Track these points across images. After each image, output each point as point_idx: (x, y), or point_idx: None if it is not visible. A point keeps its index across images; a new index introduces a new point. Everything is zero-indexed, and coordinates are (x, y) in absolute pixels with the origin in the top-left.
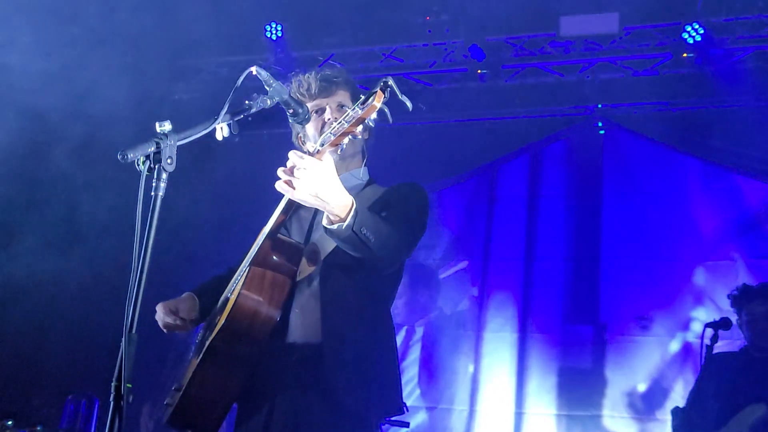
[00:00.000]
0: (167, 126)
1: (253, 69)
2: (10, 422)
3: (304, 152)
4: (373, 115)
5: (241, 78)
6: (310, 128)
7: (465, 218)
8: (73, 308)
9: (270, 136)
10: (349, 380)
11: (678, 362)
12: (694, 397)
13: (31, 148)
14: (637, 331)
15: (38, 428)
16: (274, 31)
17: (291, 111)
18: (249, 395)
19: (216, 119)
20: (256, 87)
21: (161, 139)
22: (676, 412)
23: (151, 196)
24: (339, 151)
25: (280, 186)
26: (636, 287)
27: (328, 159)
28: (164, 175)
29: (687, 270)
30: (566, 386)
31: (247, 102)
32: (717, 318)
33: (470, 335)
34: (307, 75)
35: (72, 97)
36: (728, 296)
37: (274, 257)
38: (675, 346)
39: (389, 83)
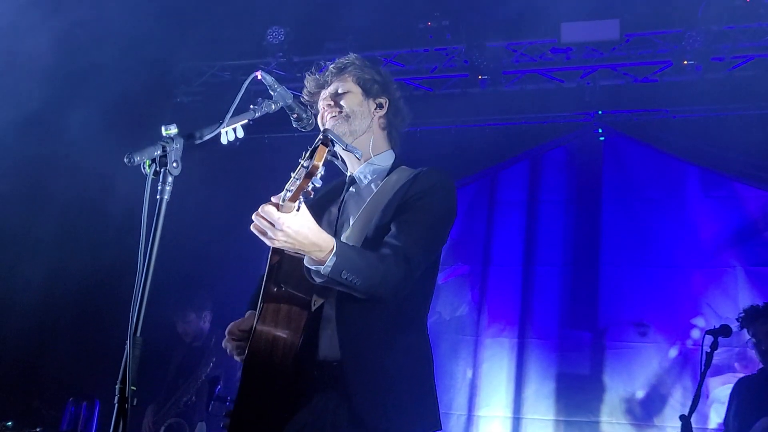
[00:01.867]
0: (173, 129)
1: (258, 74)
2: (10, 423)
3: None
4: (321, 171)
5: (246, 82)
6: (318, 120)
7: (465, 223)
8: (75, 310)
9: (271, 140)
10: (376, 399)
11: (676, 369)
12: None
13: (34, 150)
14: (636, 337)
15: (38, 430)
16: (276, 36)
17: (295, 116)
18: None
19: (222, 123)
20: (259, 91)
21: (167, 142)
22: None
23: (157, 200)
24: (298, 205)
25: (254, 230)
26: (635, 293)
27: (294, 209)
28: (170, 179)
29: (686, 277)
30: (564, 392)
31: (252, 106)
32: (715, 325)
33: (469, 340)
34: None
35: (72, 97)
36: (736, 320)
37: (286, 286)
38: (673, 352)
39: (329, 137)
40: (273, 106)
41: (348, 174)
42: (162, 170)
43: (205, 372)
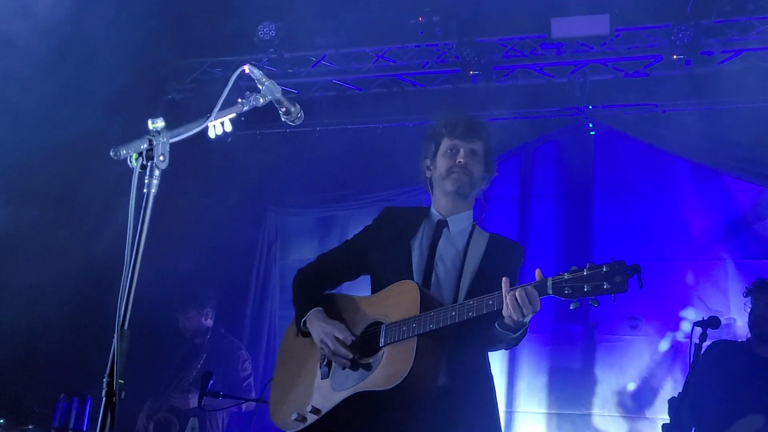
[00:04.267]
0: (160, 123)
1: (246, 67)
2: (2, 421)
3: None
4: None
5: (234, 76)
6: (442, 163)
7: None
8: (65, 306)
9: (262, 136)
10: (483, 414)
11: (667, 361)
12: (691, 384)
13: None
14: (627, 330)
15: (31, 427)
16: (267, 32)
17: (284, 110)
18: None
19: (209, 117)
20: (249, 87)
21: (154, 136)
22: (673, 401)
23: (144, 194)
24: (572, 307)
25: (511, 302)
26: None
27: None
28: (157, 173)
29: (676, 270)
30: (557, 385)
31: (240, 100)
32: (705, 317)
33: None
34: (456, 114)
35: (62, 94)
36: (745, 287)
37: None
38: (664, 345)
39: (626, 270)
40: (261, 100)
41: (437, 216)
42: (149, 164)
43: (196, 368)
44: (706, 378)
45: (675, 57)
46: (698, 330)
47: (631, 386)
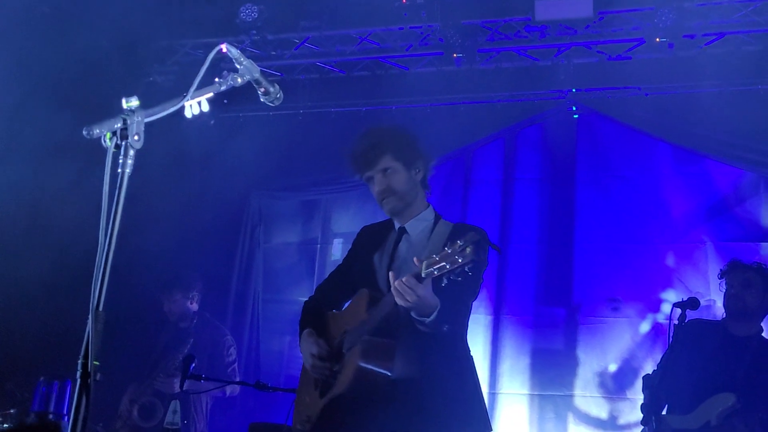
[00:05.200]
0: (134, 102)
1: (224, 47)
2: None
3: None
4: (472, 264)
5: (212, 55)
6: (372, 190)
7: (440, 201)
8: (44, 290)
9: (245, 119)
10: (443, 408)
11: (648, 342)
12: (667, 362)
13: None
14: (609, 312)
15: (12, 411)
16: (249, 13)
17: (262, 90)
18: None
19: (185, 96)
20: (232, 68)
21: (128, 115)
22: (648, 378)
23: (118, 173)
24: (443, 283)
25: (394, 291)
26: (608, 270)
27: (428, 283)
28: (131, 152)
29: (658, 252)
30: (539, 367)
31: (217, 80)
32: (686, 299)
33: None
34: (351, 149)
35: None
36: (720, 270)
37: (384, 327)
38: (645, 327)
39: (480, 239)
40: (239, 80)
41: (398, 225)
42: (123, 143)
43: (182, 352)
44: (679, 356)
45: (658, 40)
46: (678, 311)
47: (613, 367)
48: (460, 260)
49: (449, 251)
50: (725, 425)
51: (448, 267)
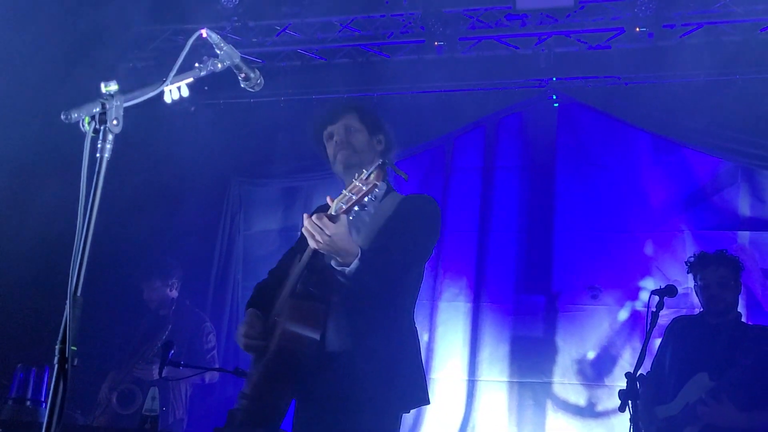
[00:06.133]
0: (113, 86)
1: (204, 32)
2: None
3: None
4: (376, 190)
5: (191, 40)
6: (329, 153)
7: (421, 189)
8: (22, 276)
9: (226, 105)
10: (375, 380)
11: (626, 330)
12: (655, 362)
13: None
14: (588, 300)
15: None
16: (230, 0)
17: (243, 75)
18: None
19: (165, 81)
20: (213, 54)
21: (107, 99)
22: (640, 378)
23: (97, 158)
24: (351, 217)
25: (305, 231)
26: (587, 258)
27: (342, 221)
28: (110, 137)
29: (637, 241)
30: (518, 354)
31: (197, 65)
32: (662, 286)
33: (425, 304)
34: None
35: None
36: (685, 263)
37: (311, 287)
38: (624, 314)
39: (386, 162)
40: (219, 65)
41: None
42: (102, 128)
43: (161, 339)
44: (665, 355)
45: (638, 30)
46: (656, 298)
47: (591, 355)
48: (364, 188)
49: (356, 182)
50: (699, 403)
51: (354, 198)
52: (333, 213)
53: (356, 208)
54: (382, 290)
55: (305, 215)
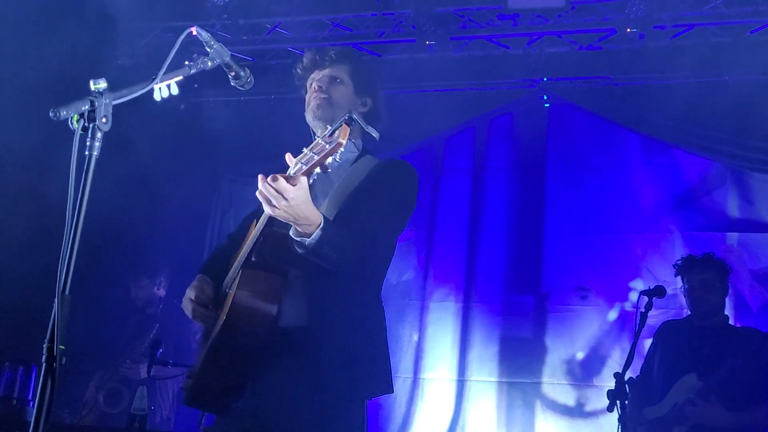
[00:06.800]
0: (102, 84)
1: (194, 29)
2: None
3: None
4: (341, 150)
5: (181, 38)
6: (307, 97)
7: None
8: (8, 275)
9: (216, 104)
10: (335, 363)
11: (615, 330)
12: (644, 366)
13: None
14: (577, 301)
15: None
16: None
17: (233, 74)
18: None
19: (154, 79)
20: (203, 53)
21: (96, 97)
22: (629, 382)
23: (85, 156)
24: (311, 180)
25: (259, 195)
26: (577, 258)
27: (302, 183)
28: (99, 135)
29: (626, 242)
30: (507, 354)
31: (187, 63)
32: (651, 286)
33: (415, 304)
34: (307, 50)
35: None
36: (673, 266)
37: (266, 256)
38: (613, 315)
39: (353, 117)
40: (209, 63)
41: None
42: (90, 126)
43: (149, 338)
44: (654, 359)
45: (629, 30)
46: (645, 299)
47: (580, 355)
48: (327, 147)
49: (319, 140)
50: (687, 403)
51: (316, 158)
52: (291, 174)
53: (318, 169)
54: (346, 265)
55: (260, 176)
